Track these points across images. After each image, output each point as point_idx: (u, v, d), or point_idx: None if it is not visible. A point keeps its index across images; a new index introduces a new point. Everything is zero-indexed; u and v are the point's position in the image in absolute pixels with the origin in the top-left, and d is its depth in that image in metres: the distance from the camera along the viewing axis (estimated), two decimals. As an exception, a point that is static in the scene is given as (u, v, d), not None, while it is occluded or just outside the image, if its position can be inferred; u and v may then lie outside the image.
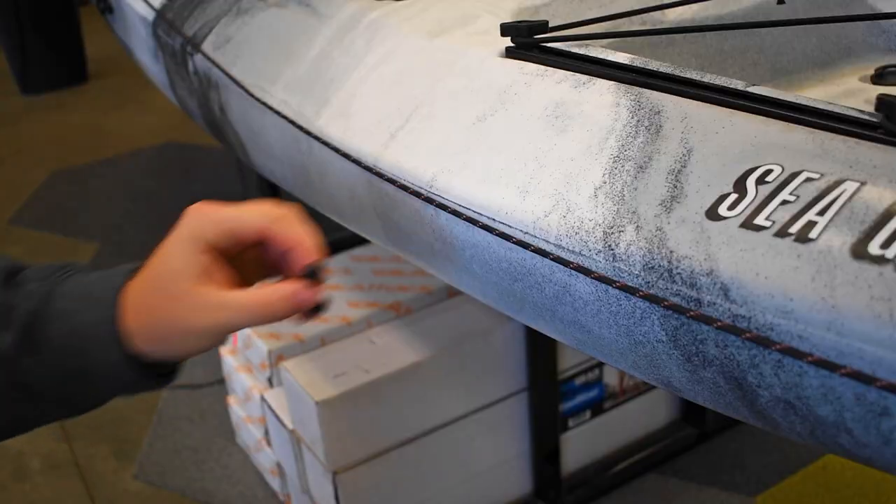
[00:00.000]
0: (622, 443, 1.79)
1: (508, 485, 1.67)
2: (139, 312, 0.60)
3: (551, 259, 0.63)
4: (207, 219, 0.61)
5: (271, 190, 2.37)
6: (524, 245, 0.65)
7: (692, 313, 0.53)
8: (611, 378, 1.71)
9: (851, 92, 0.86)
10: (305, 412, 1.45)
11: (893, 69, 0.84)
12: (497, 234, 0.67)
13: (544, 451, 1.64)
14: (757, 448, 1.81)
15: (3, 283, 0.63)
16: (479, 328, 1.52)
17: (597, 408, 1.72)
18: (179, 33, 1.32)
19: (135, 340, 0.61)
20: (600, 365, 1.68)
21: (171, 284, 0.60)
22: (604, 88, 0.68)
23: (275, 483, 1.77)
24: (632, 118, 0.63)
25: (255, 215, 0.61)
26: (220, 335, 0.61)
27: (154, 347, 0.61)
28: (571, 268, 0.61)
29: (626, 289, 0.57)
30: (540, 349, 1.55)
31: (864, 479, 1.69)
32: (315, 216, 1.18)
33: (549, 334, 0.71)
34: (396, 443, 1.49)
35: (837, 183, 0.50)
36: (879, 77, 0.84)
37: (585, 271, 0.60)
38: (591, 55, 0.73)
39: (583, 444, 1.73)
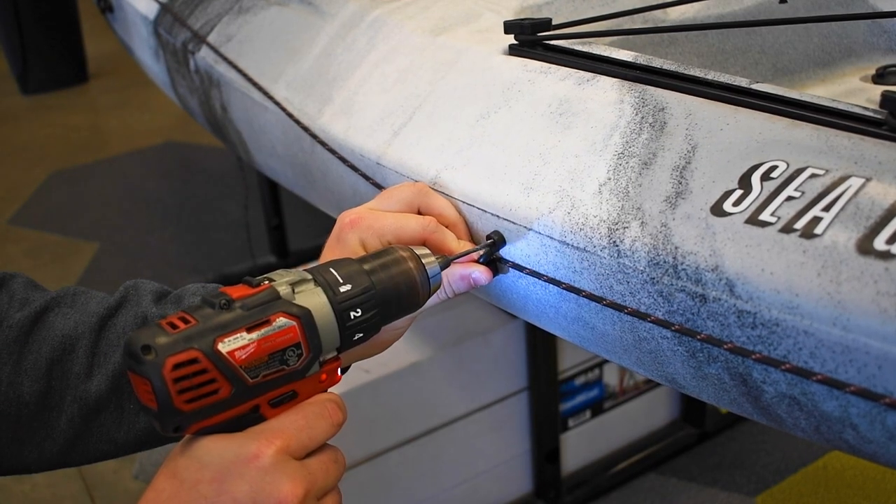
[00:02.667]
0: (622, 443, 1.79)
1: (508, 485, 1.67)
2: None
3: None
4: (371, 231, 0.64)
5: (272, 189, 2.38)
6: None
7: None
8: (611, 378, 1.71)
9: (853, 91, 0.86)
10: (306, 411, 1.44)
11: (894, 69, 0.84)
12: (501, 231, 0.67)
13: (544, 451, 1.64)
14: (757, 448, 1.81)
15: (156, 301, 0.66)
16: (479, 328, 1.52)
17: (597, 408, 1.72)
18: (185, 26, 1.32)
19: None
20: (600, 365, 1.68)
21: None
22: (608, 85, 0.68)
23: (275, 483, 1.76)
24: (636, 115, 0.63)
25: (413, 225, 0.65)
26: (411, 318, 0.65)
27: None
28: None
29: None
30: (540, 349, 1.55)
31: (864, 479, 1.69)
32: (317, 214, 1.18)
33: (552, 332, 0.71)
34: (396, 443, 1.48)
35: (843, 179, 0.50)
36: (880, 77, 0.84)
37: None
38: (594, 52, 0.73)
39: (583, 444, 1.73)
